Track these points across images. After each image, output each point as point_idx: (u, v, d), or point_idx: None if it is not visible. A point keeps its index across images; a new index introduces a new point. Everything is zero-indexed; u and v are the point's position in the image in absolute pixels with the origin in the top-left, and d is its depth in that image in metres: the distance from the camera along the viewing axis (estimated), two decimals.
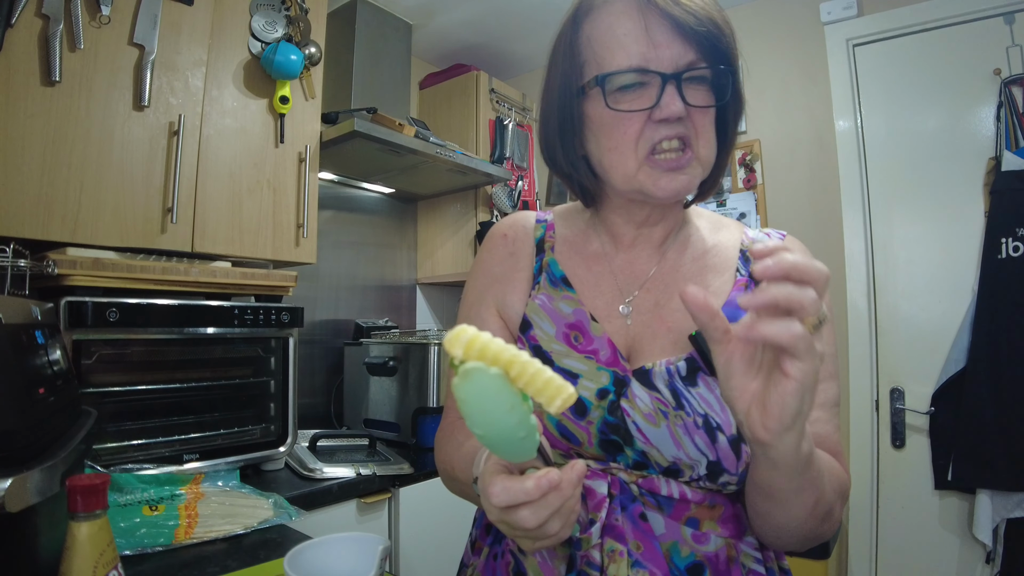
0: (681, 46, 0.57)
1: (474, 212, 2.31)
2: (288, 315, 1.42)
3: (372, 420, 1.85)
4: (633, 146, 0.59)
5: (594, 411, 0.60)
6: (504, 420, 0.41)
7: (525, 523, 0.43)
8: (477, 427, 0.42)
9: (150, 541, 0.92)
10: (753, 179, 2.05)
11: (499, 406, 0.40)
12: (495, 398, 0.40)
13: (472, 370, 0.39)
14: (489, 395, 0.40)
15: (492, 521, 0.46)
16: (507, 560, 0.65)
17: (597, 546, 0.57)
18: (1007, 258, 1.55)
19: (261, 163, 1.50)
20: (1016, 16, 1.63)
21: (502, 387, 0.40)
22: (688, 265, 0.68)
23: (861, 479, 1.79)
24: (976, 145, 1.67)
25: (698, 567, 0.58)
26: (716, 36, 0.57)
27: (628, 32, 0.58)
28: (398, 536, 1.45)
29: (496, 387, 0.39)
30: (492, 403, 0.40)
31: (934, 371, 1.69)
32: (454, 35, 2.35)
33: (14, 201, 1.09)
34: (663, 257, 0.69)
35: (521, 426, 0.41)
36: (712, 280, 0.66)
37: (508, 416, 0.41)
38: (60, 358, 0.79)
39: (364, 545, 0.71)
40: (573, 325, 0.66)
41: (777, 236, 0.70)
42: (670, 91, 0.56)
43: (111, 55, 1.22)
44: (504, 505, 0.43)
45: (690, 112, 0.58)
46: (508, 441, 0.42)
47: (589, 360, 0.63)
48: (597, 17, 0.61)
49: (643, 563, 0.57)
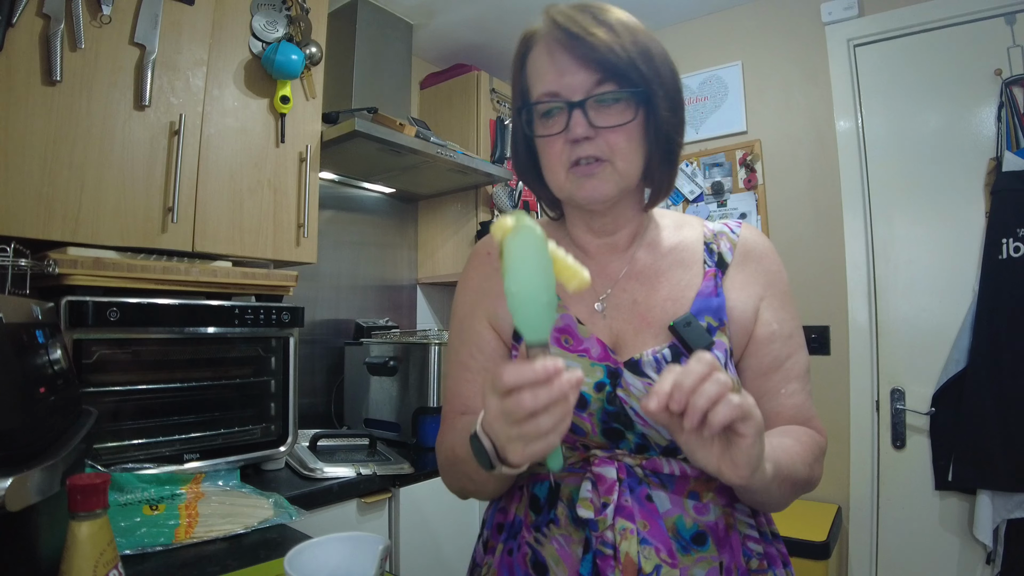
0: (586, 74, 0.64)
1: (475, 212, 2.31)
2: (288, 315, 1.43)
3: (372, 420, 1.85)
4: (559, 163, 0.68)
5: (594, 403, 0.66)
6: (537, 278, 0.48)
7: (524, 403, 0.47)
8: (513, 282, 0.48)
9: (150, 540, 0.92)
10: (754, 179, 2.05)
11: (537, 263, 0.48)
12: (535, 255, 0.48)
13: (524, 226, 0.48)
14: (531, 251, 0.48)
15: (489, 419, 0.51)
16: (524, 552, 0.69)
17: (610, 527, 0.63)
18: (1008, 259, 1.55)
19: (262, 163, 1.50)
20: (1017, 16, 1.63)
21: (542, 247, 0.48)
22: (658, 262, 0.75)
23: (861, 479, 1.79)
24: (977, 145, 1.67)
25: (702, 535, 0.65)
26: (624, 61, 0.63)
27: (543, 65, 0.67)
28: (398, 536, 1.45)
29: (538, 245, 0.48)
30: (532, 259, 0.48)
31: (935, 372, 1.69)
32: (455, 35, 2.35)
33: (15, 200, 1.09)
34: (633, 258, 0.75)
35: (548, 290, 0.49)
36: (681, 275, 0.73)
37: (541, 275, 0.48)
38: (61, 357, 0.79)
39: (364, 545, 0.71)
40: (562, 330, 0.71)
41: (735, 224, 0.77)
42: (576, 115, 0.64)
43: (112, 55, 1.22)
44: (512, 384, 0.47)
45: (601, 131, 0.64)
46: (534, 302, 0.48)
47: (582, 359, 0.68)
48: (530, 54, 0.70)
49: (649, 540, 0.63)
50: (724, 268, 0.73)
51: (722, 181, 2.11)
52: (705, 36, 2.20)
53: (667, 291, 0.72)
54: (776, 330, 0.71)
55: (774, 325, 0.71)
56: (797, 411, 0.71)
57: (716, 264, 0.73)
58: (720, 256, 0.74)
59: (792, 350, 0.72)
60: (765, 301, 0.72)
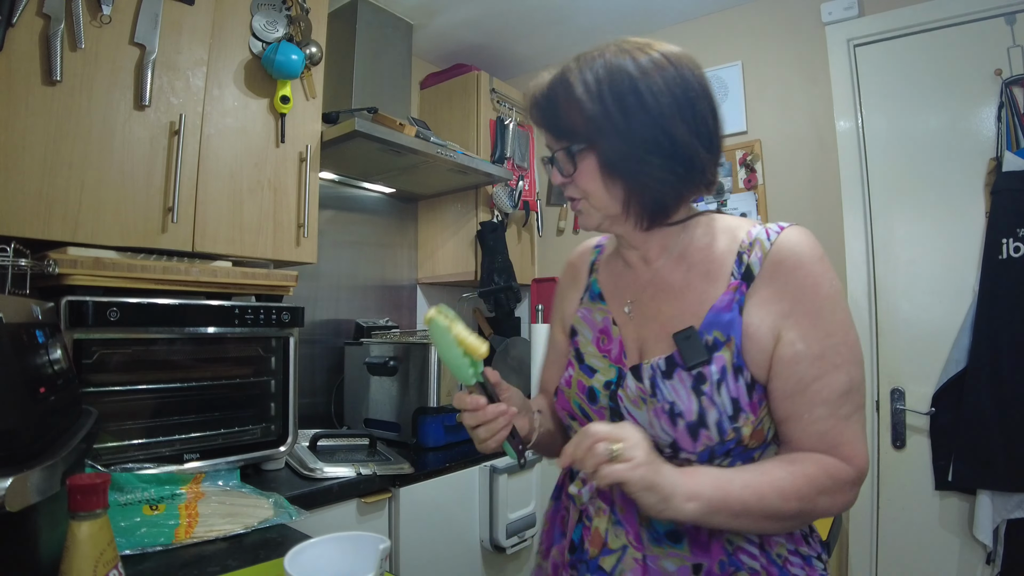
0: (548, 136, 0.77)
1: (475, 212, 2.31)
2: (288, 315, 1.43)
3: (372, 420, 1.85)
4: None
5: (602, 399, 0.77)
6: (449, 350, 0.70)
7: (464, 421, 0.73)
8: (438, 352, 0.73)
9: (150, 540, 0.92)
10: (754, 179, 2.05)
11: (446, 341, 0.70)
12: (442, 337, 0.70)
13: (433, 319, 0.70)
14: (439, 335, 0.70)
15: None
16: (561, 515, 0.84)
17: (590, 503, 0.76)
18: (1008, 259, 1.55)
19: (262, 163, 1.50)
20: (1017, 16, 1.63)
21: (446, 332, 0.69)
22: (686, 273, 0.76)
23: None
24: (977, 145, 1.67)
25: (676, 534, 0.69)
26: (558, 122, 0.74)
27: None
28: (398, 536, 1.45)
29: (443, 332, 0.70)
30: (442, 339, 0.70)
31: (935, 372, 1.69)
32: (455, 35, 2.35)
33: (15, 200, 1.09)
34: (659, 269, 0.79)
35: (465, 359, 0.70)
36: (706, 287, 0.74)
37: (452, 348, 0.70)
38: (61, 357, 0.79)
39: (364, 545, 0.71)
40: (603, 331, 0.81)
41: (776, 229, 0.73)
42: (552, 168, 0.77)
43: (112, 55, 1.22)
44: (457, 406, 0.73)
45: (574, 176, 0.74)
46: (453, 364, 0.71)
47: (604, 359, 0.79)
48: None
49: (622, 523, 0.72)
50: (751, 280, 0.71)
51: (722, 181, 2.11)
52: (705, 36, 2.20)
53: (689, 302, 0.74)
54: (801, 350, 0.67)
55: (799, 345, 0.67)
56: (820, 438, 0.67)
57: (742, 276, 0.71)
58: (748, 268, 0.71)
59: (821, 372, 0.67)
60: (792, 319, 0.68)
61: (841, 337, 0.68)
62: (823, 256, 0.70)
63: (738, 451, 0.69)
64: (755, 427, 0.68)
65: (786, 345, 0.68)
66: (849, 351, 0.68)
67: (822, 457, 0.67)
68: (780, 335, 0.68)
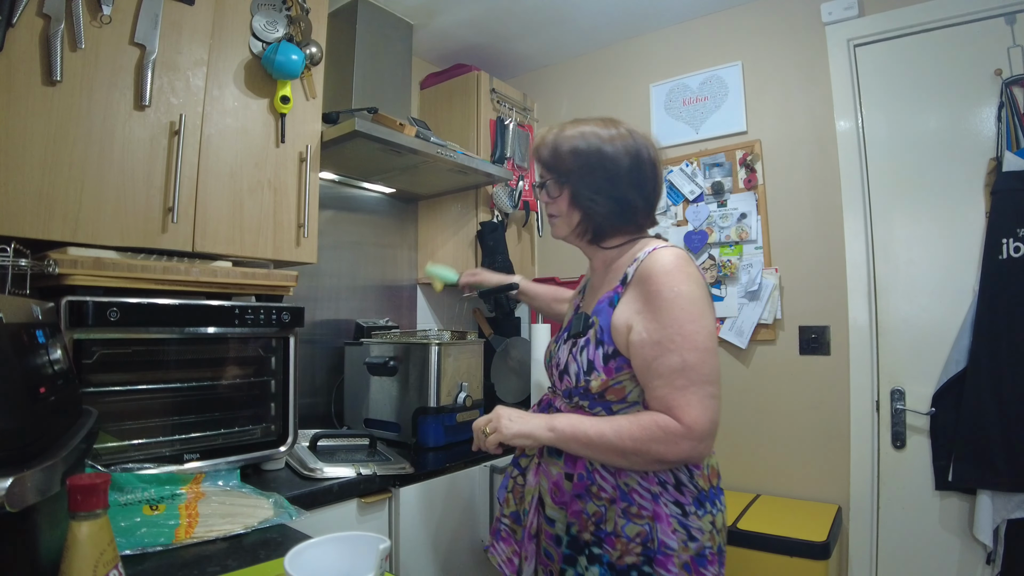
0: (541, 168, 1.12)
1: (475, 212, 2.31)
2: (289, 315, 1.43)
3: (372, 420, 1.85)
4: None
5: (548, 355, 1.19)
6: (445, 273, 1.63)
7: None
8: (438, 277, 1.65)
9: (150, 540, 0.92)
10: (754, 179, 2.05)
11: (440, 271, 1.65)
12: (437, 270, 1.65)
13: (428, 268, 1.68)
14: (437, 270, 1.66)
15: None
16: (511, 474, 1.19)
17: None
18: (1008, 259, 1.55)
19: (262, 163, 1.50)
20: (1017, 16, 1.63)
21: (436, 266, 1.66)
22: (602, 279, 1.10)
23: (861, 479, 1.79)
24: (977, 145, 1.67)
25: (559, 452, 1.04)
26: (546, 160, 1.09)
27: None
28: (398, 536, 1.45)
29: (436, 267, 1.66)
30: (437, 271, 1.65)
31: (935, 372, 1.69)
32: (455, 35, 2.35)
33: (15, 200, 1.09)
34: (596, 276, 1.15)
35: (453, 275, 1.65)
36: (606, 287, 1.07)
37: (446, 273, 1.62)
38: (61, 357, 0.79)
39: (364, 545, 0.71)
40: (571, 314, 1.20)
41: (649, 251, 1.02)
42: (540, 191, 1.12)
43: (112, 55, 1.22)
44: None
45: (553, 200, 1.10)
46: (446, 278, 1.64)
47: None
48: None
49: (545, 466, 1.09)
50: (626, 285, 1.02)
51: (722, 181, 2.11)
52: (705, 36, 2.20)
53: (598, 297, 1.07)
54: (644, 338, 0.94)
55: (643, 334, 0.95)
56: (660, 402, 0.93)
57: (622, 282, 1.03)
58: (626, 276, 1.02)
59: (658, 353, 0.92)
60: (641, 315, 0.96)
61: (676, 329, 0.92)
62: (672, 271, 0.96)
63: (591, 397, 1.01)
64: (606, 384, 0.98)
65: (635, 333, 0.96)
66: (683, 340, 0.91)
67: (658, 414, 0.92)
68: (632, 325, 0.96)
